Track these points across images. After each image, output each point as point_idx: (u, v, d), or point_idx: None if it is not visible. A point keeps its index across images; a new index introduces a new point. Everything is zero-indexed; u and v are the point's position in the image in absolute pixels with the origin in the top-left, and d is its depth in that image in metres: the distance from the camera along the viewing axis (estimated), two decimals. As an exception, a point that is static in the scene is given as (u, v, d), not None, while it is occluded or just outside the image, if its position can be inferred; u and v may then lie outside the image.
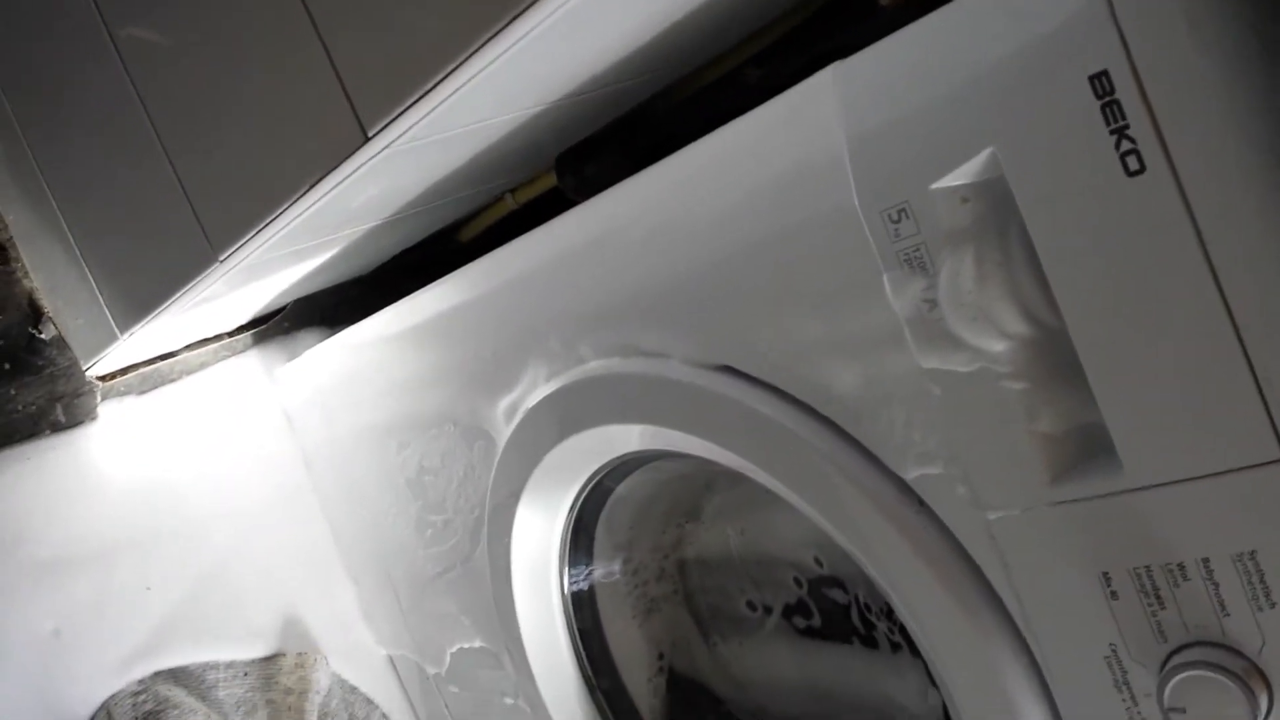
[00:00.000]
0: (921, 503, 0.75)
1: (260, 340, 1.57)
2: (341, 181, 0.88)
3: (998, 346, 0.67)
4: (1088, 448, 0.67)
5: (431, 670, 1.41)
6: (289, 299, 1.53)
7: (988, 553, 0.72)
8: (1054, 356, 0.66)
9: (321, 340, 1.49)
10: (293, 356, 1.51)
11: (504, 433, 1.08)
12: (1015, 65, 0.62)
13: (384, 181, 0.96)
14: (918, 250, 0.69)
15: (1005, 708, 0.75)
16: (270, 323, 1.57)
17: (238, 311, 1.43)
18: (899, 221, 0.69)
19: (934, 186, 0.67)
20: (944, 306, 0.68)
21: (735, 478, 1.10)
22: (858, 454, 0.78)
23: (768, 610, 1.15)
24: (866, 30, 1.00)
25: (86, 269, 1.30)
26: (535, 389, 1.03)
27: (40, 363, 1.43)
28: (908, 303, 0.70)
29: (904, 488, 0.76)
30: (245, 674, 1.43)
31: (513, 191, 1.43)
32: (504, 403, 1.07)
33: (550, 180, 1.37)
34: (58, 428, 1.41)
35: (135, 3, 1.02)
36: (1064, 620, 0.70)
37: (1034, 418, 0.67)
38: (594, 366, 0.97)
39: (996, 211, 0.66)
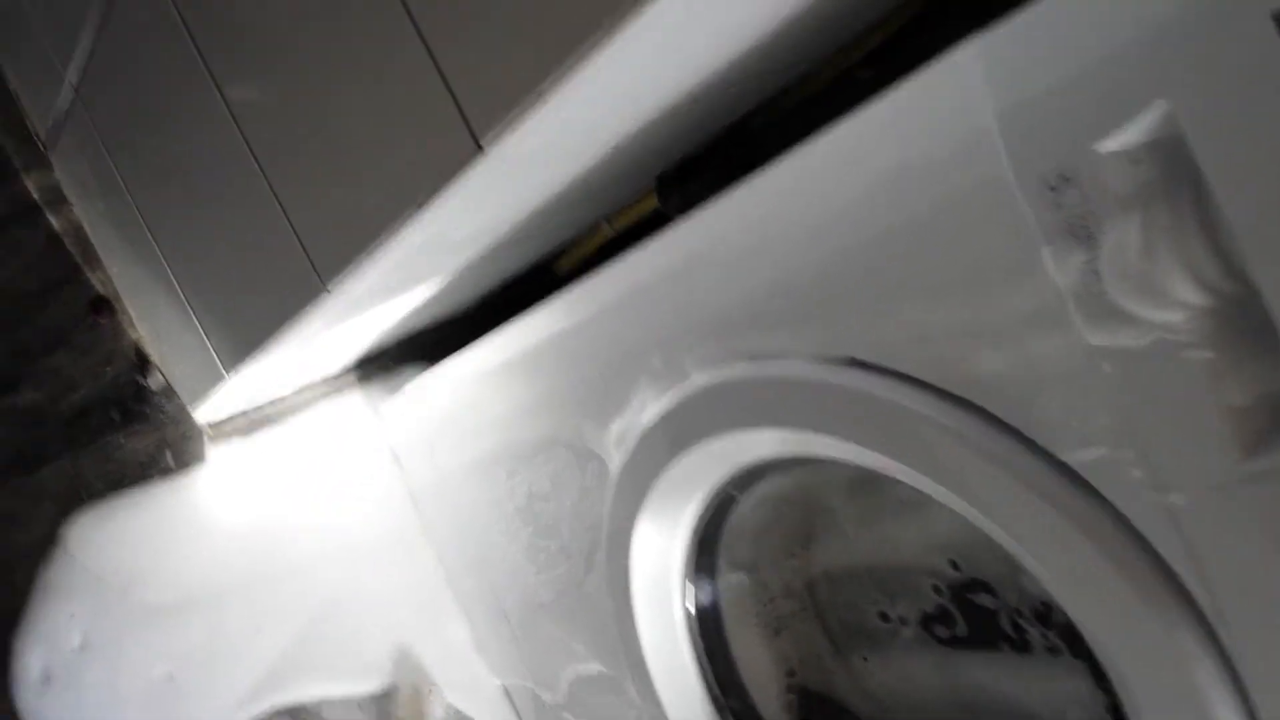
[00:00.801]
0: (1091, 489, 0.70)
1: (364, 379, 1.56)
2: (456, 198, 0.86)
3: (1175, 317, 0.63)
4: (1285, 416, 0.61)
5: (548, 698, 1.37)
6: (391, 340, 1.53)
7: (1170, 538, 0.67)
8: (1240, 322, 0.61)
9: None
10: (396, 394, 1.50)
11: (618, 453, 1.05)
12: (1184, 9, 0.58)
13: (494, 201, 0.94)
14: (1083, 220, 0.64)
15: (1194, 707, 0.69)
16: (374, 363, 1.57)
17: (341, 353, 1.42)
18: (1059, 189, 0.65)
19: (1099, 149, 0.63)
20: (1111, 278, 0.64)
21: (860, 485, 1.06)
22: (1015, 441, 0.73)
23: (903, 621, 1.10)
24: (995, 16, 0.97)
25: (192, 313, 1.31)
26: (648, 405, 1.00)
27: (148, 410, 1.43)
28: (1072, 276, 0.65)
29: (1070, 474, 0.71)
30: (361, 709, 1.40)
31: (609, 219, 1.41)
32: (616, 423, 1.04)
33: (647, 205, 1.35)
34: (167, 473, 1.41)
35: (242, 48, 1.02)
36: (1262, 608, 0.65)
37: (1222, 389, 0.62)
38: (712, 375, 0.93)
39: (1170, 172, 0.62)
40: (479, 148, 0.80)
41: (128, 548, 1.33)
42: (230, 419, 1.47)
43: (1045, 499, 0.71)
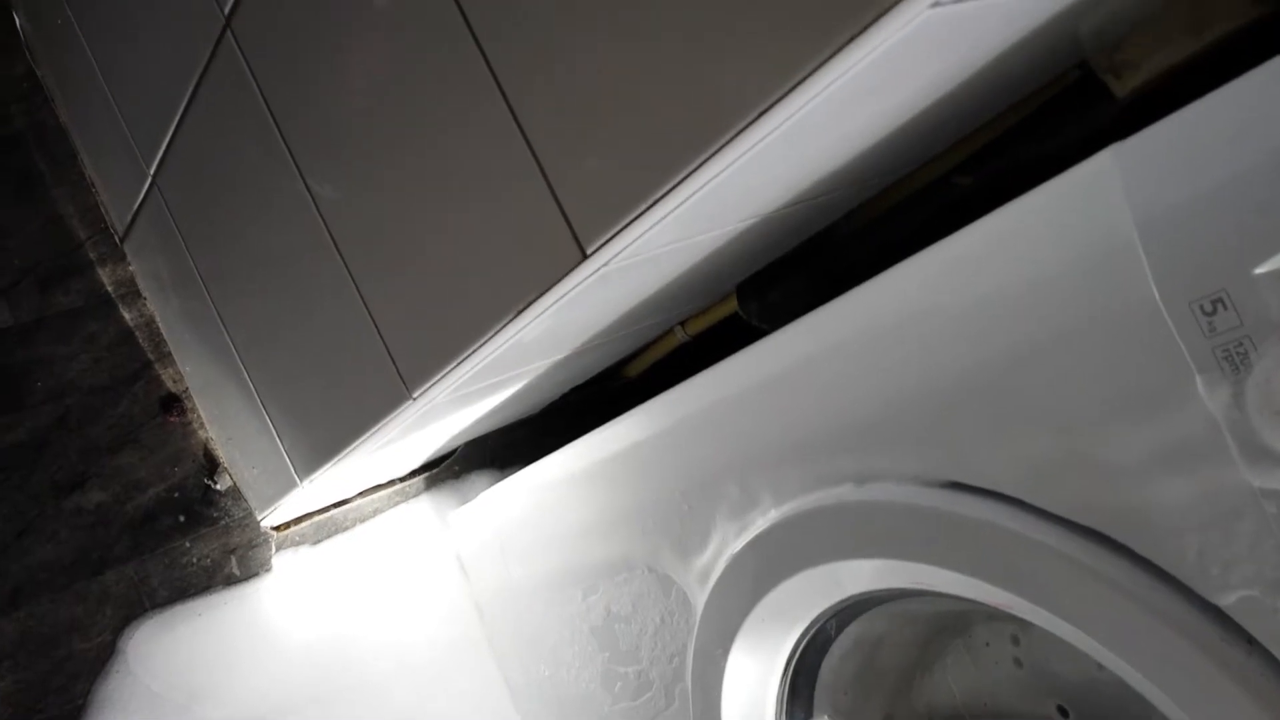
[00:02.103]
0: (1251, 640, 0.64)
1: (432, 484, 1.53)
2: (553, 304, 0.83)
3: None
4: None
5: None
6: (460, 442, 1.50)
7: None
8: None
9: (491, 483, 1.44)
10: (464, 500, 1.47)
11: (701, 581, 1.00)
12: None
13: (589, 303, 0.91)
14: (1240, 345, 0.60)
15: None
16: (441, 466, 1.53)
17: (412, 456, 1.39)
18: (1214, 313, 0.60)
19: (1259, 270, 0.58)
20: (1256, 412, 0.59)
21: (960, 623, 1.00)
22: (1154, 577, 0.67)
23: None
24: (1100, 123, 0.94)
25: (267, 416, 1.28)
26: (733, 531, 0.95)
27: (215, 514, 1.41)
28: (1232, 406, 0.60)
29: (1225, 621, 0.65)
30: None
31: (683, 324, 1.38)
32: (698, 546, 1.00)
33: (722, 310, 1.32)
34: (232, 581, 1.37)
35: (332, 145, 1.01)
36: None
37: None
38: (802, 501, 0.89)
39: (1341, 294, 0.57)
40: (583, 254, 0.78)
41: (188, 661, 1.29)
42: (297, 523, 1.44)
43: (1203, 651, 0.65)
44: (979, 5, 0.56)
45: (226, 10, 1.06)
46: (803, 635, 0.97)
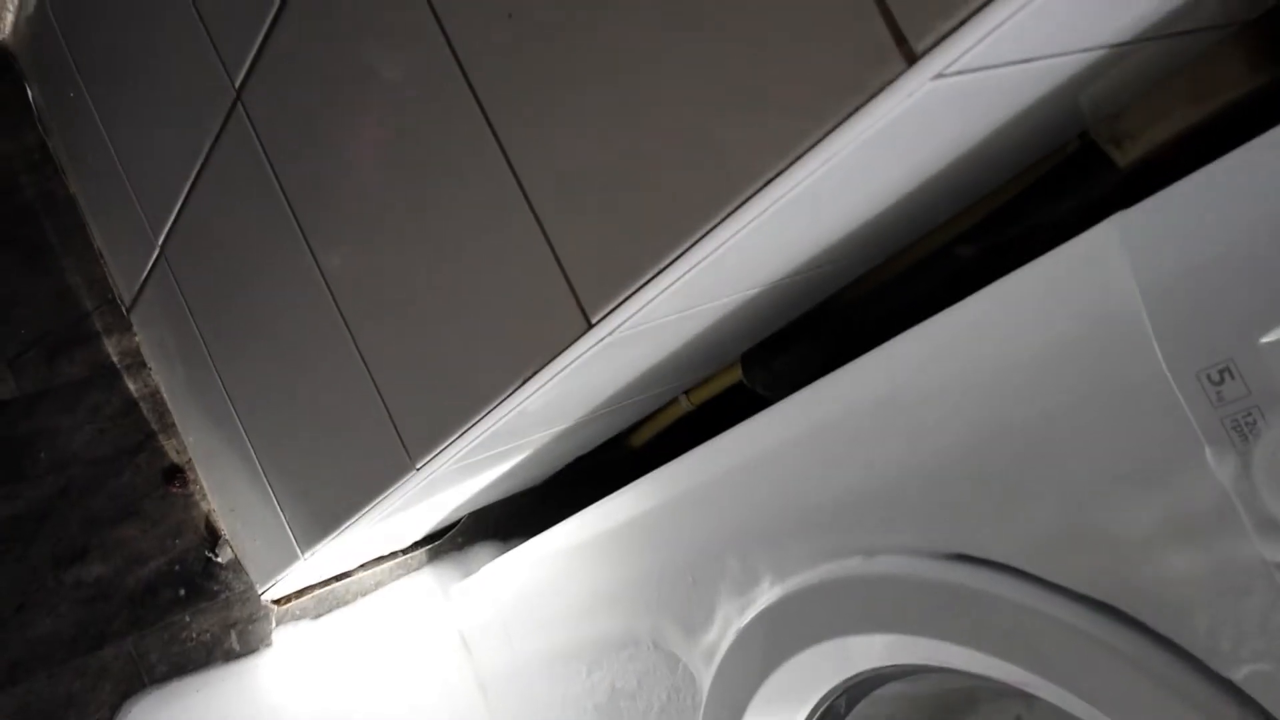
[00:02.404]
0: (1266, 715, 0.62)
1: (434, 557, 1.51)
2: (558, 373, 0.83)
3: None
4: None
5: None
6: (463, 513, 1.48)
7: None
8: None
9: (495, 554, 1.43)
10: (467, 572, 1.45)
11: (706, 657, 0.98)
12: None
13: (593, 373, 0.91)
14: (1248, 415, 0.59)
15: None
16: (444, 538, 1.52)
17: (415, 527, 1.38)
18: (1221, 383, 0.60)
19: (1266, 340, 0.58)
20: (1263, 484, 0.58)
21: (966, 702, 0.98)
22: (1171, 655, 0.66)
23: None
24: (1101, 193, 0.94)
25: (269, 487, 1.28)
26: (749, 603, 0.94)
27: (216, 587, 1.39)
28: (1243, 477, 0.60)
29: (1239, 696, 0.63)
30: None
31: (687, 393, 1.37)
32: (703, 622, 0.98)
33: (726, 380, 1.32)
34: (231, 656, 1.35)
35: (340, 216, 1.01)
36: None
37: None
38: (819, 572, 0.87)
39: (1350, 364, 0.57)
40: (588, 323, 0.78)
41: (185, 738, 1.27)
42: (298, 596, 1.42)
43: (1204, 715, 0.63)
44: (981, 77, 0.56)
45: (238, 83, 1.07)
46: (812, 712, 0.95)
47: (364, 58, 0.91)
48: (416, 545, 1.51)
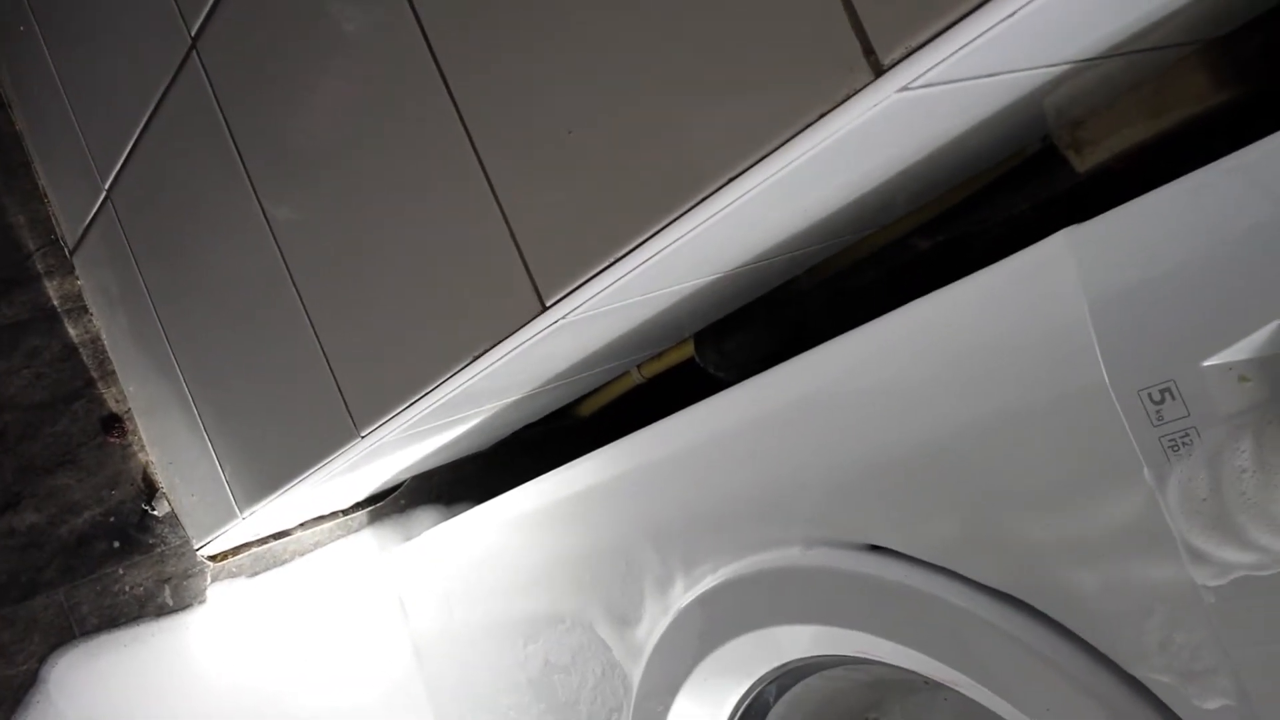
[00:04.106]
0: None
1: (376, 518, 1.50)
2: (510, 352, 0.83)
3: (1291, 549, 0.58)
4: None
5: None
6: (407, 475, 1.48)
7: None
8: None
9: (437, 519, 1.42)
10: (409, 535, 1.44)
11: (653, 630, 0.98)
12: (1308, 229, 0.55)
13: (546, 352, 0.91)
14: (1185, 436, 0.60)
15: None
16: (386, 500, 1.51)
17: (356, 488, 1.37)
18: (1162, 403, 0.61)
19: (1206, 364, 0.59)
20: (1226, 501, 0.59)
21: (899, 690, 0.99)
22: (1097, 664, 0.68)
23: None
24: (1054, 198, 0.95)
25: (210, 443, 1.26)
26: (688, 586, 0.94)
27: (151, 541, 1.37)
28: (1190, 492, 0.61)
29: (1159, 706, 0.65)
30: None
31: (639, 366, 1.38)
32: (652, 595, 0.99)
33: (679, 355, 1.32)
34: (164, 611, 1.34)
35: (293, 174, 1.00)
36: None
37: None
38: (759, 560, 0.88)
39: (1283, 392, 0.58)
40: (543, 306, 0.77)
41: (112, 694, 1.25)
42: (234, 553, 1.41)
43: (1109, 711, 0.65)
44: (946, 89, 0.56)
45: (193, 32, 1.05)
46: (744, 698, 0.96)
47: (322, 13, 0.89)
48: (358, 506, 1.50)
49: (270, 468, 1.15)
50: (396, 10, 0.80)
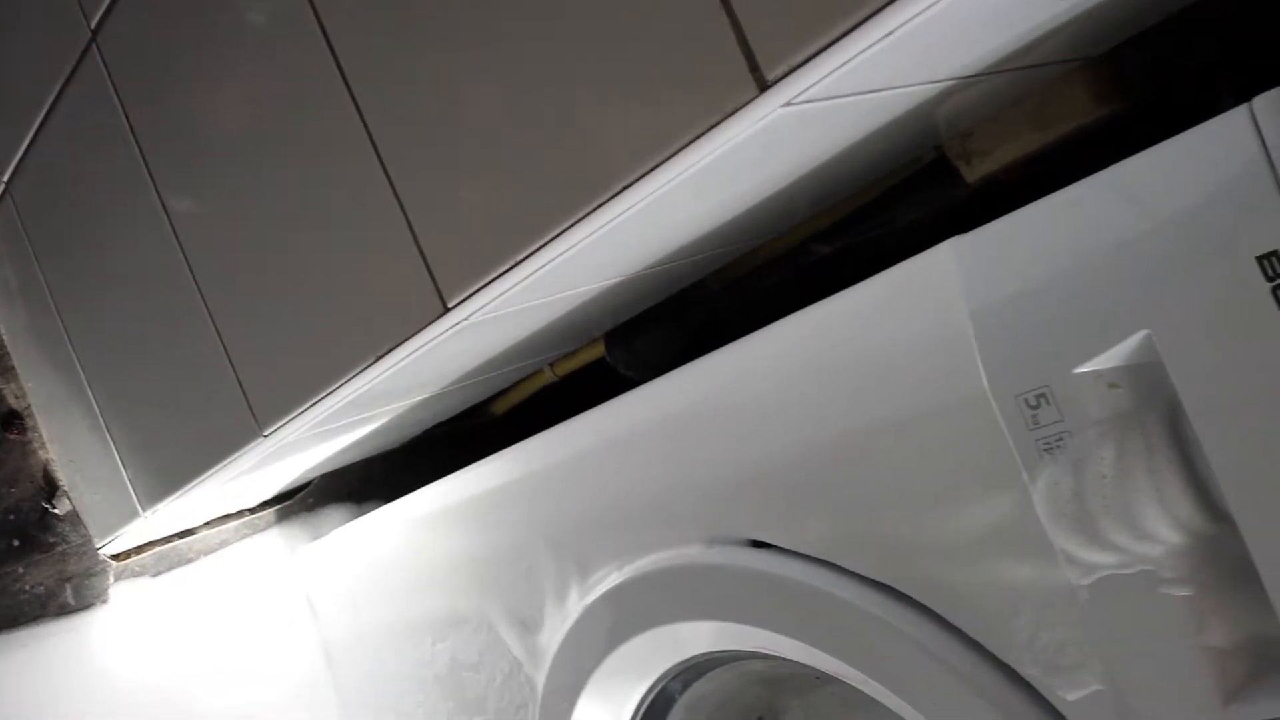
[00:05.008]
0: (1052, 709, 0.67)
1: (284, 517, 1.49)
2: (413, 353, 0.83)
3: (1155, 548, 0.61)
4: (1266, 663, 0.59)
5: None
6: (316, 474, 1.47)
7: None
8: (1224, 559, 0.60)
9: (347, 517, 1.42)
10: (317, 535, 1.43)
11: (558, 630, 0.99)
12: (1168, 245, 0.58)
13: (450, 352, 0.91)
14: (1060, 440, 0.63)
15: None
16: (295, 499, 1.50)
17: (263, 487, 1.36)
18: (1038, 408, 0.64)
19: (1078, 370, 0.62)
20: (1088, 504, 0.62)
21: (800, 685, 1.02)
22: (981, 658, 0.70)
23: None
24: (942, 209, 0.98)
25: (111, 442, 1.24)
26: (595, 583, 0.95)
27: (51, 539, 1.35)
28: (1055, 495, 0.63)
29: (1044, 706, 0.68)
30: None
31: (552, 364, 1.38)
32: (556, 596, 1.00)
33: (591, 353, 1.33)
34: (65, 610, 1.31)
35: (193, 169, 0.99)
36: None
37: (1202, 629, 0.60)
38: (663, 558, 0.89)
39: (1150, 399, 0.61)
40: (444, 307, 0.78)
41: (13, 695, 1.23)
42: (138, 552, 1.38)
43: (995, 708, 0.68)
44: (830, 105, 0.58)
45: (93, 24, 1.03)
46: (648, 692, 0.98)
47: (223, 9, 0.88)
48: (265, 505, 1.48)
49: (172, 466, 1.14)
50: (297, 9, 0.80)
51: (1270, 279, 0.55)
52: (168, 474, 1.15)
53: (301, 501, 1.50)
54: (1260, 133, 0.56)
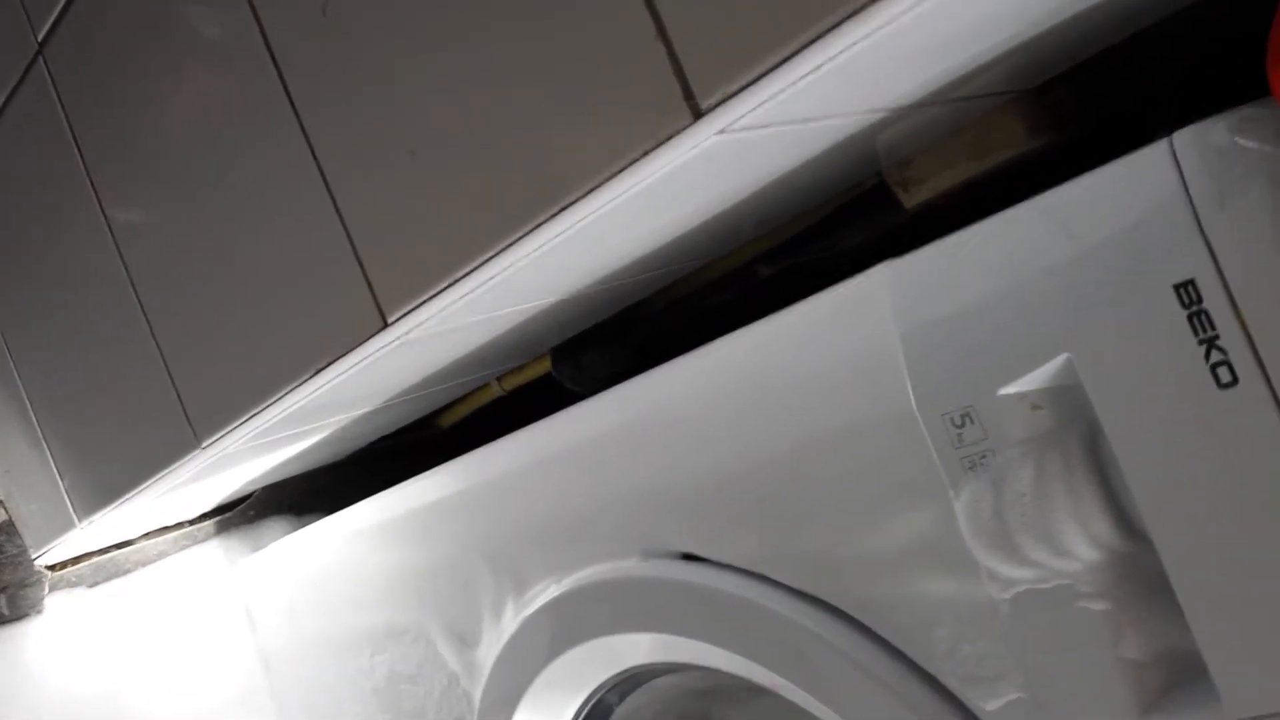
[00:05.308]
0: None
1: (224, 529, 1.48)
2: (351, 367, 0.83)
3: (1073, 564, 0.63)
4: (1181, 675, 0.62)
5: None
6: (257, 486, 1.46)
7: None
8: (1140, 575, 0.62)
9: (288, 530, 1.41)
10: (258, 547, 1.42)
11: (495, 644, 1.00)
12: (1090, 272, 0.60)
13: (391, 367, 0.91)
14: (983, 458, 0.65)
15: None
16: (235, 510, 1.49)
17: (203, 499, 1.35)
18: (963, 426, 0.66)
19: (1002, 391, 0.64)
20: (1007, 521, 0.64)
21: (739, 696, 1.03)
22: (915, 677, 0.72)
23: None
24: (883, 234, 1.00)
25: (48, 451, 1.23)
26: (532, 597, 0.96)
27: (-16, 549, 1.33)
28: (976, 512, 0.65)
29: (968, 716, 0.70)
30: None
31: (500, 378, 1.39)
32: (493, 610, 1.00)
33: (539, 368, 1.33)
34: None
35: (136, 181, 0.98)
36: None
37: (1119, 642, 0.62)
38: (599, 570, 0.90)
39: (1070, 420, 0.63)
40: (384, 322, 0.78)
41: (-60, 707, 1.21)
42: (75, 562, 1.37)
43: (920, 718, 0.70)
44: (765, 133, 0.60)
45: (40, 37, 1.03)
46: (585, 704, 0.98)
47: (170, 25, 0.88)
48: (205, 516, 1.47)
49: (110, 477, 1.13)
50: (243, 24, 0.80)
51: (1185, 307, 0.57)
52: (105, 485, 1.14)
53: (242, 514, 1.49)
54: (1179, 167, 0.58)
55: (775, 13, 0.51)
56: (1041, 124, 0.87)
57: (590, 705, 0.99)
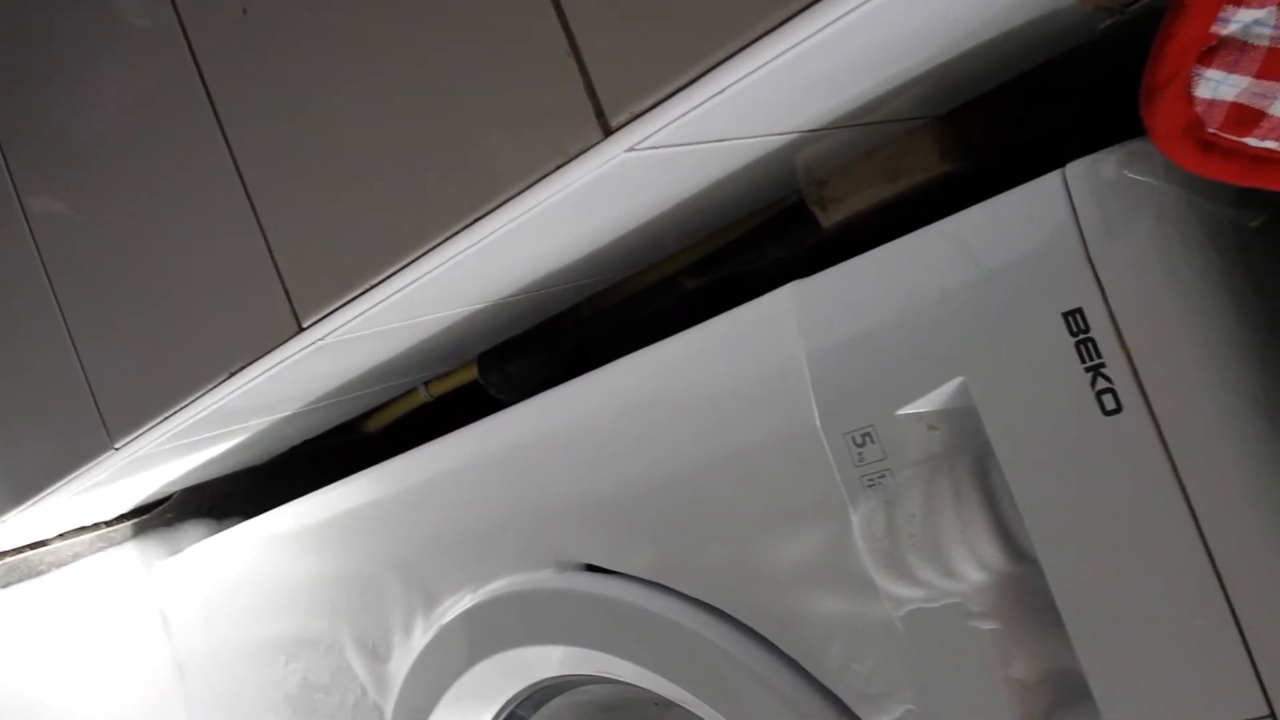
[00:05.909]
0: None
1: (140, 531, 1.46)
2: (267, 370, 0.83)
3: (960, 584, 0.64)
4: (1066, 695, 0.63)
5: None
6: (177, 487, 1.44)
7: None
8: (1028, 596, 0.64)
9: (207, 534, 1.39)
10: (175, 549, 1.41)
11: (406, 657, 1.00)
12: (985, 297, 0.62)
13: (308, 371, 0.91)
14: (883, 477, 0.67)
15: None
16: (153, 512, 1.47)
17: (120, 499, 1.33)
18: (863, 445, 0.67)
19: (900, 412, 0.65)
20: (898, 540, 0.66)
21: (642, 709, 1.04)
22: (814, 692, 0.73)
23: None
24: (804, 249, 1.02)
25: (-44, 447, 1.20)
26: (444, 610, 0.96)
27: (-111, 548, 1.29)
28: (870, 531, 0.67)
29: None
30: None
31: (427, 384, 1.39)
32: (404, 623, 1.00)
33: (466, 375, 1.33)
34: (-98, 623, 1.26)
35: (54, 173, 0.97)
36: None
37: (1007, 661, 0.64)
38: (512, 582, 0.91)
39: (964, 442, 0.65)
40: (299, 327, 0.78)
41: None
42: (-17, 562, 1.34)
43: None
44: (675, 151, 0.61)
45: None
46: (496, 716, 0.98)
47: (99, 13, 0.88)
48: (123, 518, 1.45)
49: (20, 476, 1.11)
50: (165, 19, 0.80)
51: (1074, 334, 0.59)
52: (16, 484, 1.12)
53: (160, 516, 1.47)
54: (1071, 198, 0.60)
55: (680, 37, 0.52)
56: (952, 149, 0.89)
57: (503, 717, 0.99)
